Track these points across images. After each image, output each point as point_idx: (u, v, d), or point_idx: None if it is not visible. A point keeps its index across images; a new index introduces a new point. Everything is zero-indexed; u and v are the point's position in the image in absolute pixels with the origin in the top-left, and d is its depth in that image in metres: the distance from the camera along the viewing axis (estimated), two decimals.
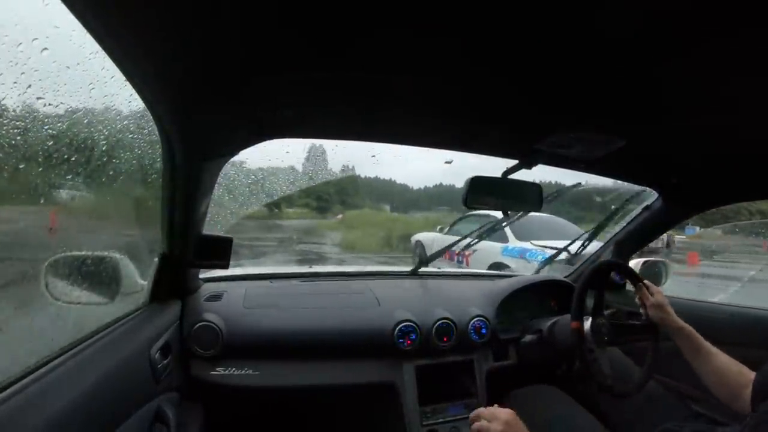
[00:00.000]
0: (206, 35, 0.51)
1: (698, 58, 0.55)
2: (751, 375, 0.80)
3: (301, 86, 0.68)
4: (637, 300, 1.04)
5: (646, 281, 1.02)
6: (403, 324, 1.19)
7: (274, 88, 0.67)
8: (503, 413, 0.76)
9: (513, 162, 1.01)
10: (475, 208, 1.00)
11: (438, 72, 0.63)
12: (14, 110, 0.71)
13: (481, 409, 0.79)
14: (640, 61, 0.56)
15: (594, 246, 1.66)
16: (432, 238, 5.73)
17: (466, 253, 4.01)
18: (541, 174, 1.05)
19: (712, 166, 1.06)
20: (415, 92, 0.71)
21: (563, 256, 1.72)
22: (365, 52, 0.57)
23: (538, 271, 1.77)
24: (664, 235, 1.81)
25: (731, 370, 0.84)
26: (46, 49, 0.60)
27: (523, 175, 1.03)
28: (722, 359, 0.86)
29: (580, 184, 1.39)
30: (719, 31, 0.48)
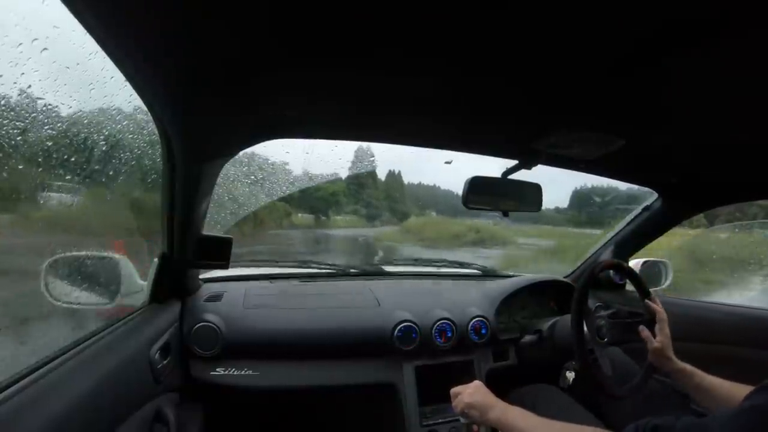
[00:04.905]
0: (205, 35, 0.51)
1: (698, 58, 0.55)
2: None
3: (300, 86, 0.68)
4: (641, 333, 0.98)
5: (657, 313, 0.96)
6: (402, 324, 1.19)
7: (274, 88, 0.67)
8: (472, 384, 0.88)
9: (513, 162, 1.01)
10: (475, 209, 0.99)
11: (438, 72, 0.63)
12: (14, 110, 0.71)
13: (457, 388, 0.90)
14: (640, 62, 0.56)
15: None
16: None
17: None
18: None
19: (712, 166, 1.06)
20: (415, 92, 0.71)
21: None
22: (365, 53, 0.57)
23: None
24: None
25: (734, 398, 0.83)
26: (46, 49, 0.60)
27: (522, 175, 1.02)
28: (722, 388, 0.86)
29: None
30: (720, 32, 0.48)
